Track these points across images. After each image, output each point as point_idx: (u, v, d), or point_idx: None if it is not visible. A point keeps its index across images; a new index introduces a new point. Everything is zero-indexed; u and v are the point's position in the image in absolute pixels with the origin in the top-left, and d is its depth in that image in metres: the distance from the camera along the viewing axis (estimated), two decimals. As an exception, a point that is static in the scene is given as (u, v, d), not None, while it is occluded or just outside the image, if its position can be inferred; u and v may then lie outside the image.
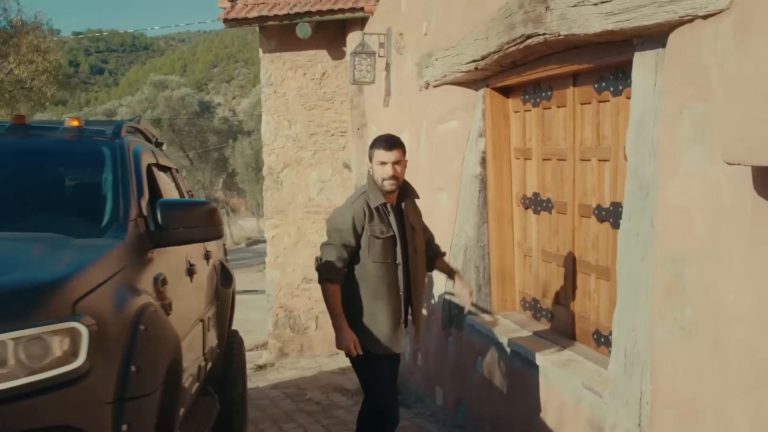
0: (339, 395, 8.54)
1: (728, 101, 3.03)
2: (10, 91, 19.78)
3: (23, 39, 19.51)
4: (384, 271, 4.74)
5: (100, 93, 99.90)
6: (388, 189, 4.72)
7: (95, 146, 4.39)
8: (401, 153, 4.75)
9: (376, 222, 4.74)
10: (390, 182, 4.71)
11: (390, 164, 4.70)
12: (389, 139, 4.81)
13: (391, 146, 4.73)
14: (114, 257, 3.46)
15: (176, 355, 3.58)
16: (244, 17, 9.93)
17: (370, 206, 4.75)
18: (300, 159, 10.55)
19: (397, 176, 4.72)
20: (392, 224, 4.76)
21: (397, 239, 4.76)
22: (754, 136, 2.83)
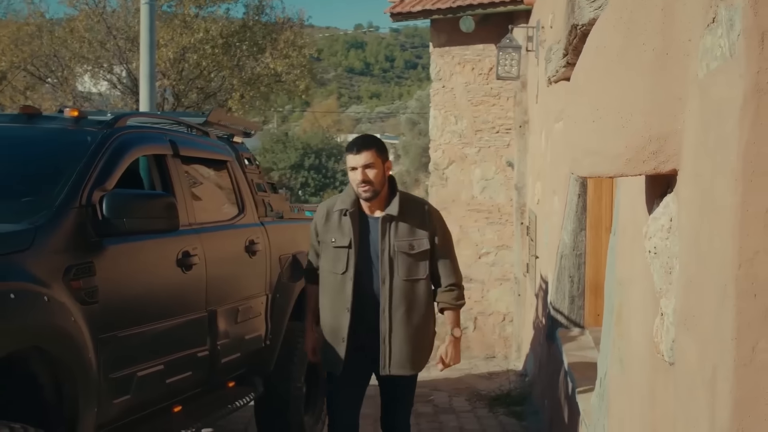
0: (462, 400, 8.32)
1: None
2: (266, 84, 21.03)
3: (281, 35, 20.65)
4: (331, 282, 4.48)
5: (412, 87, 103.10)
6: (364, 197, 4.37)
7: (79, 136, 4.56)
8: (374, 155, 4.36)
9: (331, 228, 4.48)
10: (363, 188, 4.34)
11: (360, 169, 4.33)
12: (359, 140, 4.47)
13: (360, 148, 4.36)
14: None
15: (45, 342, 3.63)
16: (409, 11, 9.88)
17: (331, 210, 4.52)
18: (465, 156, 10.34)
19: (368, 181, 4.33)
20: (351, 233, 4.40)
21: (352, 250, 4.39)
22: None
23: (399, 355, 4.42)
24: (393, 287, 4.35)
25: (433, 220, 4.46)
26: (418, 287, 4.41)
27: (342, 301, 4.42)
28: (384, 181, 4.41)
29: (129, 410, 4.36)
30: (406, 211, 4.41)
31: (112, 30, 19.80)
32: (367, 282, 4.43)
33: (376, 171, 4.34)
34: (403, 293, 4.37)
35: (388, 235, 4.38)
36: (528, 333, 8.92)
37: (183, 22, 19.76)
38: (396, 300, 4.37)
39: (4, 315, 3.38)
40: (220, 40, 19.92)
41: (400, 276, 4.37)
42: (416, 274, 4.40)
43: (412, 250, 4.36)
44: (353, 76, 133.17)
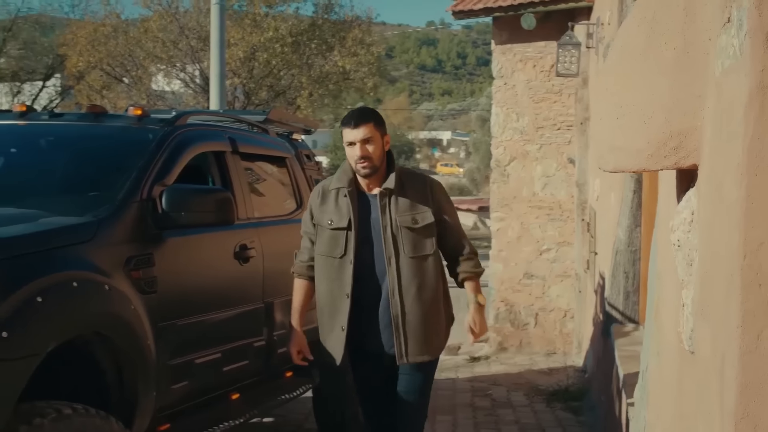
0: (520, 395, 8.38)
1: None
2: (335, 82, 21.28)
3: (349, 33, 20.88)
4: (328, 267, 4.14)
5: (484, 84, 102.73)
6: (363, 173, 4.05)
7: (141, 134, 4.78)
8: (372, 128, 4.02)
9: (328, 208, 4.16)
10: (362, 164, 4.01)
11: (358, 143, 3.99)
12: (356, 113, 4.11)
13: (358, 122, 4.01)
14: (61, 233, 3.82)
15: (106, 328, 3.83)
16: (470, 9, 9.96)
17: (326, 190, 4.21)
18: (526, 152, 10.38)
19: (367, 156, 4.00)
20: (350, 213, 4.08)
21: (351, 232, 4.08)
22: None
23: (416, 340, 4.07)
24: (400, 266, 4.02)
25: (435, 193, 4.18)
26: (427, 264, 4.07)
27: (340, 286, 4.09)
28: (383, 156, 4.10)
29: (187, 396, 4.55)
30: (406, 184, 4.12)
31: (185, 30, 20.25)
32: (369, 266, 4.09)
33: (374, 146, 4.03)
34: (412, 272, 4.03)
35: (389, 210, 4.06)
36: (588, 329, 8.94)
37: (253, 21, 20.12)
38: (405, 280, 4.03)
39: (67, 302, 3.58)
40: (289, 38, 20.23)
41: (407, 253, 4.04)
42: (423, 250, 4.08)
43: (416, 224, 4.05)
44: (425, 73, 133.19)
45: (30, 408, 3.42)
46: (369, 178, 4.10)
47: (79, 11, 24.77)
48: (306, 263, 4.32)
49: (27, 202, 4.27)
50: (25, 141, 5.00)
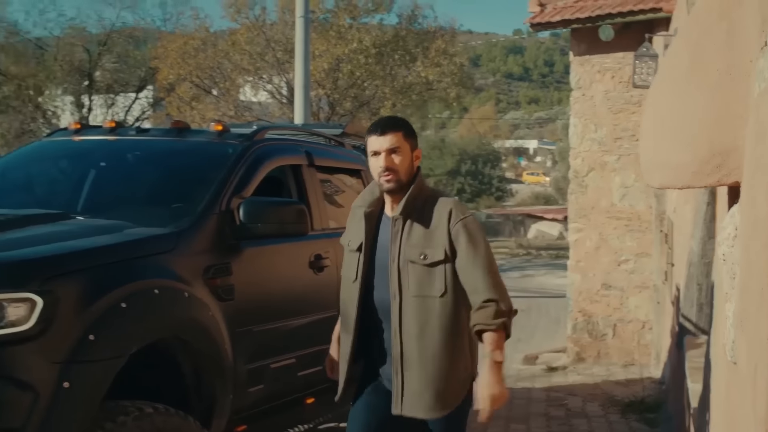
0: (596, 405, 8.41)
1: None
2: (418, 93, 21.48)
3: (432, 43, 21.06)
4: (345, 290, 3.77)
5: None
6: (386, 188, 3.56)
7: (221, 149, 5.02)
8: (401, 138, 3.55)
9: (352, 227, 3.80)
10: (386, 177, 3.52)
11: (383, 153, 3.52)
12: (384, 120, 3.68)
13: (385, 129, 3.55)
14: (144, 243, 4.08)
15: (185, 333, 4.06)
16: (548, 21, 10.03)
17: (355, 207, 3.86)
18: (604, 163, 10.38)
19: (394, 168, 3.52)
20: (363, 235, 3.67)
21: (362, 254, 3.67)
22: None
23: (413, 392, 3.55)
24: (403, 304, 3.53)
25: (453, 222, 3.53)
26: (432, 307, 3.50)
27: (350, 313, 3.70)
28: (411, 171, 3.58)
29: (263, 399, 4.76)
30: (422, 210, 3.58)
31: (271, 42, 20.70)
32: (380, 294, 3.64)
33: (402, 158, 3.54)
34: (415, 313, 3.51)
35: (399, 239, 3.57)
36: (666, 341, 8.91)
37: (338, 33, 20.45)
38: (407, 321, 3.53)
39: (149, 308, 3.84)
40: (373, 49, 20.50)
41: (410, 291, 3.53)
42: (429, 290, 3.51)
43: (423, 260, 3.50)
44: (511, 82, 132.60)
45: (114, 406, 3.67)
46: (393, 195, 3.59)
47: (171, 24, 25.49)
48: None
49: (114, 213, 4.55)
50: (113, 155, 5.29)
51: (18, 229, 4.07)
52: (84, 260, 3.75)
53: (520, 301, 17.94)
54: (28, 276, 3.49)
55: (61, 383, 3.43)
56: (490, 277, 3.48)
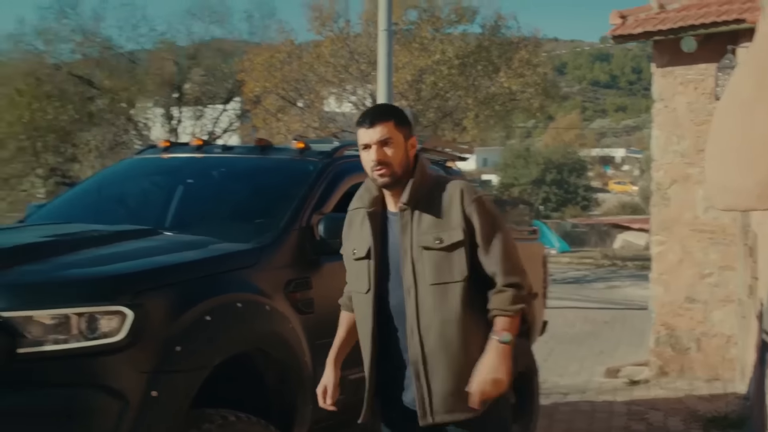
0: (677, 420, 8.34)
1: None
2: (501, 104, 21.50)
3: (515, 54, 21.08)
4: (358, 304, 3.51)
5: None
6: (380, 182, 3.31)
7: (302, 166, 5.20)
8: (393, 128, 3.29)
9: (352, 234, 3.51)
10: (379, 171, 3.27)
11: (374, 146, 3.27)
12: (372, 110, 3.42)
13: (374, 120, 3.29)
14: (228, 258, 4.27)
15: (266, 345, 4.23)
16: (630, 33, 9.99)
17: (351, 212, 3.60)
18: (687, 176, 10.26)
19: (386, 161, 3.26)
20: (370, 239, 3.39)
21: (371, 261, 3.38)
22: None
23: (443, 393, 3.27)
24: (420, 297, 3.25)
25: (467, 201, 3.29)
26: (453, 293, 3.23)
27: (366, 327, 3.44)
28: (407, 162, 3.32)
29: (342, 409, 4.90)
30: (434, 196, 3.32)
31: (355, 54, 20.97)
32: (394, 300, 3.37)
33: (395, 149, 3.28)
34: (434, 303, 3.23)
35: (410, 230, 3.30)
36: (751, 356, 8.78)
37: (421, 44, 20.61)
38: (426, 314, 3.25)
39: (232, 321, 4.02)
40: (456, 60, 20.62)
41: (427, 280, 3.25)
42: (448, 276, 3.24)
43: (439, 244, 3.23)
44: (598, 89, 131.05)
45: (200, 414, 3.86)
46: (391, 189, 3.33)
47: (258, 36, 26.04)
48: (349, 294, 3.67)
49: (200, 229, 4.76)
50: (200, 172, 5.52)
51: (111, 244, 4.31)
52: (171, 275, 3.95)
53: (604, 312, 17.91)
54: (119, 290, 3.70)
55: (149, 392, 3.63)
56: (508, 259, 3.26)
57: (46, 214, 5.44)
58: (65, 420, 3.53)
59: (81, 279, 3.78)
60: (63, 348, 3.57)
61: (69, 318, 3.59)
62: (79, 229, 4.64)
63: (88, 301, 3.62)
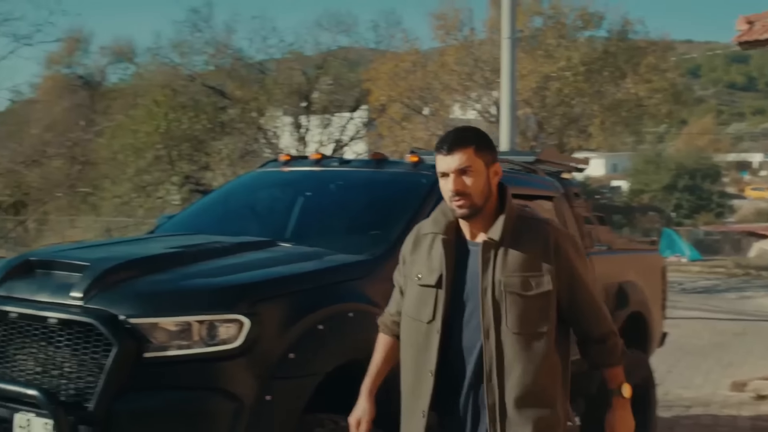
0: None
1: None
2: (628, 110, 21.16)
3: (643, 59, 20.72)
4: (414, 332, 3.22)
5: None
6: (459, 213, 3.10)
7: (415, 179, 5.34)
8: (472, 155, 3.05)
9: (419, 258, 3.26)
10: (457, 202, 3.06)
11: (453, 174, 3.06)
12: (450, 135, 3.15)
13: (452, 146, 3.07)
14: (341, 269, 4.45)
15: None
16: (756, 39, 9.75)
17: (420, 234, 3.35)
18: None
19: (464, 191, 3.05)
20: (442, 267, 3.14)
21: (442, 290, 3.13)
22: None
23: None
24: (501, 342, 3.03)
25: (562, 248, 3.11)
26: (539, 345, 3.04)
27: (425, 360, 3.16)
28: (488, 191, 3.10)
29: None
30: (522, 233, 3.10)
31: (479, 62, 21.03)
32: (465, 336, 3.12)
33: (475, 178, 3.05)
34: (516, 351, 3.02)
35: (492, 267, 3.06)
36: None
37: (545, 51, 20.52)
38: (508, 360, 3.03)
39: (343, 330, 4.20)
40: (581, 67, 20.42)
41: (510, 327, 3.02)
42: (535, 326, 3.04)
43: (527, 291, 3.03)
44: (734, 92, 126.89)
45: (312, 419, 4.05)
46: (469, 220, 3.13)
47: (384, 44, 26.39)
48: (393, 317, 3.47)
49: (316, 240, 4.96)
50: (318, 185, 5.74)
51: (231, 255, 4.56)
52: (286, 285, 4.17)
53: (735, 324, 17.38)
54: (237, 300, 3.93)
55: (263, 396, 3.85)
56: (600, 307, 3.20)
57: (174, 225, 5.76)
58: (187, 420, 3.80)
59: (202, 289, 4.04)
60: (185, 353, 3.84)
61: (191, 325, 3.85)
62: (202, 240, 4.91)
63: (208, 309, 3.88)
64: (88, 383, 3.82)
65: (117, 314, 3.87)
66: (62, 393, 3.86)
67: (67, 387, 3.87)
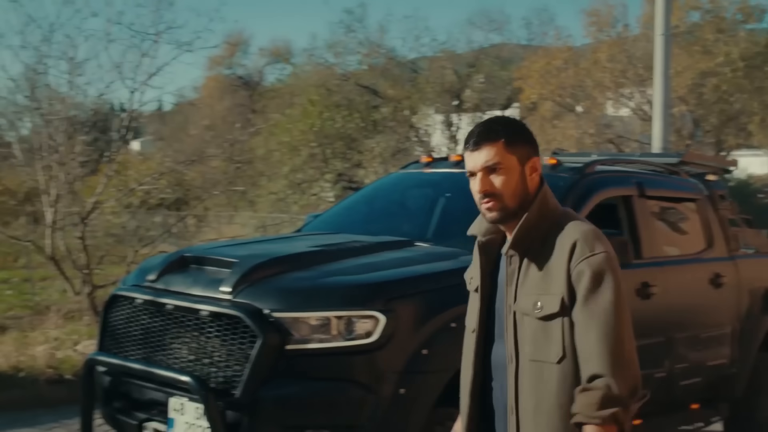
0: None
1: None
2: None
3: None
4: (465, 340, 2.86)
5: None
6: (489, 218, 2.65)
7: (552, 182, 5.35)
8: (502, 149, 2.59)
9: (474, 262, 2.86)
10: (486, 204, 2.62)
11: (480, 173, 2.61)
12: (476, 129, 2.67)
13: (479, 140, 2.61)
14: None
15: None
16: None
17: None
18: None
19: (494, 192, 2.59)
20: (483, 269, 2.78)
21: (478, 295, 2.78)
22: None
23: None
24: (520, 371, 2.59)
25: (575, 260, 2.53)
26: (549, 376, 2.53)
27: (466, 371, 2.81)
28: (524, 191, 2.62)
29: (649, 402, 5.07)
30: (545, 242, 2.60)
31: (632, 59, 20.63)
32: (498, 351, 2.70)
33: (506, 177, 2.60)
34: (531, 384, 2.56)
35: (516, 283, 2.63)
36: None
37: (702, 47, 19.94)
38: (523, 394, 2.58)
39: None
40: (740, 62, 19.73)
41: (527, 354, 2.58)
42: (544, 353, 2.55)
43: (536, 312, 2.56)
44: None
45: (444, 412, 4.20)
46: (504, 224, 2.66)
47: (536, 41, 26.23)
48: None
49: (453, 241, 5.10)
50: (456, 187, 5.87)
51: (370, 254, 4.78)
52: (421, 284, 4.37)
53: None
54: (374, 297, 4.16)
55: (398, 389, 4.05)
56: (607, 343, 2.46)
57: (319, 224, 6.03)
58: (325, 409, 4.06)
59: (341, 286, 4.29)
60: (324, 346, 4.10)
61: (330, 320, 4.11)
62: (343, 239, 5.16)
63: (346, 305, 4.13)
64: (235, 372, 4.13)
65: (262, 308, 4.15)
66: (212, 380, 4.18)
67: (217, 374, 4.19)
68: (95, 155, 11.97)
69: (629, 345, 2.50)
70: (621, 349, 2.46)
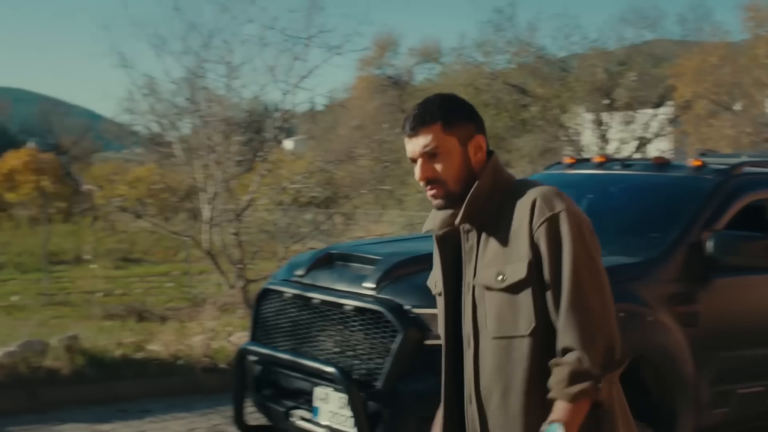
0: None
1: None
2: None
3: None
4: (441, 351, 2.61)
5: None
6: (434, 205, 2.48)
7: (696, 183, 5.35)
8: (438, 132, 2.41)
9: (435, 264, 2.65)
10: (430, 192, 2.45)
11: (420, 159, 2.45)
12: (413, 112, 2.46)
13: (415, 125, 2.43)
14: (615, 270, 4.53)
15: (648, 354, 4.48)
16: None
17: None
18: None
19: (435, 178, 2.43)
20: (444, 266, 2.56)
21: (442, 297, 2.57)
22: None
23: None
24: (480, 353, 2.41)
25: (536, 220, 2.34)
26: (519, 352, 2.35)
27: (446, 379, 2.57)
28: (469, 172, 2.44)
29: (727, 421, 5.01)
30: (502, 212, 2.42)
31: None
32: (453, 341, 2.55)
33: (446, 162, 2.42)
34: (495, 364, 2.38)
35: (475, 259, 2.44)
36: None
37: None
38: (485, 377, 2.40)
39: (616, 330, 4.35)
40: None
41: (489, 332, 2.39)
42: (512, 328, 2.36)
43: (500, 282, 2.36)
44: None
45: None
46: (455, 210, 2.46)
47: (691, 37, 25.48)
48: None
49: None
50: (600, 188, 5.89)
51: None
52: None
53: None
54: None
55: None
56: (574, 313, 2.30)
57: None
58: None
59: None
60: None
61: None
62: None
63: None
64: (377, 364, 4.30)
65: (403, 304, 4.30)
66: (355, 372, 4.37)
67: (359, 367, 4.38)
68: (250, 154, 12.42)
69: (599, 310, 2.33)
70: (590, 318, 2.29)
